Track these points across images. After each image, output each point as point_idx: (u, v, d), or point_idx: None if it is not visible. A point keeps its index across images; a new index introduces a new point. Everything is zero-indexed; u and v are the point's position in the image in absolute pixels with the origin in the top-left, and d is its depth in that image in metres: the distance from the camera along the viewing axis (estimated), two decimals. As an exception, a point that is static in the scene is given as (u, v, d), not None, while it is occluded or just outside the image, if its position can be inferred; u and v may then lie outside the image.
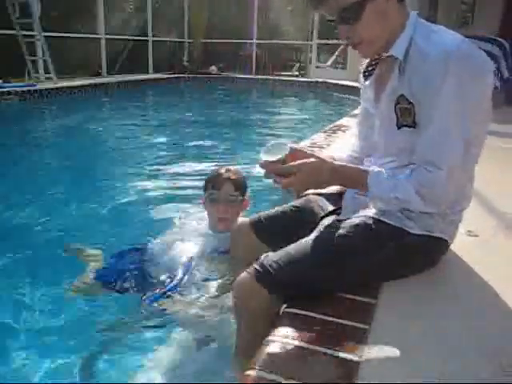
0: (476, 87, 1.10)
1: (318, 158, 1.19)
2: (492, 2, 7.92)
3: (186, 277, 1.88)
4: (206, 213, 2.12)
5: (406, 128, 1.18)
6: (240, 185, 2.05)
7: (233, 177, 2.03)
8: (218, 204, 2.02)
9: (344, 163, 1.27)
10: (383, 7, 1.14)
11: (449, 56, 1.06)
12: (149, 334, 1.69)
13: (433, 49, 1.09)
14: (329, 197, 1.46)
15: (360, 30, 1.15)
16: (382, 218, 1.21)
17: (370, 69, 1.32)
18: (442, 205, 1.18)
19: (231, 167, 2.15)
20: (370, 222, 1.22)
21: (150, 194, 3.29)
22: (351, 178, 1.21)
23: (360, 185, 1.20)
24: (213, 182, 2.05)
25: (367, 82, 1.33)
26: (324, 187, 1.36)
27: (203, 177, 2.22)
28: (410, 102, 1.15)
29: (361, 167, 1.25)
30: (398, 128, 1.20)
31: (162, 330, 1.71)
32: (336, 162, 1.22)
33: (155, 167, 4.04)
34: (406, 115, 1.17)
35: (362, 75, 1.36)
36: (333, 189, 1.46)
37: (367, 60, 1.33)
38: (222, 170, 2.08)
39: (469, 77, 1.08)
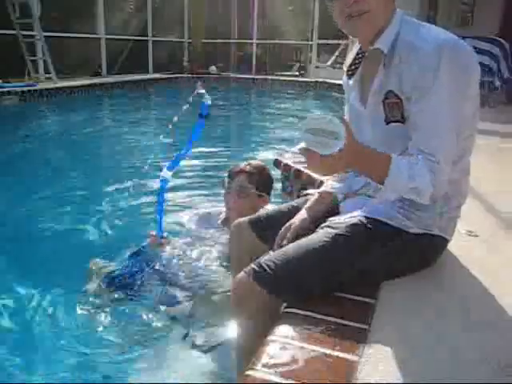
0: (467, 80, 1.12)
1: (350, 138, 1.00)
2: (492, 2, 7.92)
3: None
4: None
5: (395, 123, 1.17)
6: (256, 179, 2.05)
7: (248, 169, 2.05)
8: (229, 193, 2.05)
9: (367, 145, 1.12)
10: None
11: (441, 49, 1.07)
12: (147, 334, 1.69)
13: (424, 43, 1.09)
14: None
15: None
16: (380, 218, 1.21)
17: (353, 67, 1.31)
18: (441, 193, 1.14)
19: (255, 162, 2.15)
20: (369, 221, 1.21)
21: (150, 193, 3.28)
22: (375, 160, 1.09)
23: (380, 169, 1.07)
24: (229, 173, 2.10)
25: (351, 81, 1.33)
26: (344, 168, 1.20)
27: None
28: (399, 98, 1.14)
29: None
30: (387, 124, 1.19)
31: (161, 330, 1.71)
32: (360, 143, 1.07)
33: (156, 167, 4.03)
34: (394, 110, 1.17)
35: (345, 74, 1.35)
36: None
37: (350, 59, 1.32)
38: (243, 163, 2.11)
39: (460, 70, 1.09)
